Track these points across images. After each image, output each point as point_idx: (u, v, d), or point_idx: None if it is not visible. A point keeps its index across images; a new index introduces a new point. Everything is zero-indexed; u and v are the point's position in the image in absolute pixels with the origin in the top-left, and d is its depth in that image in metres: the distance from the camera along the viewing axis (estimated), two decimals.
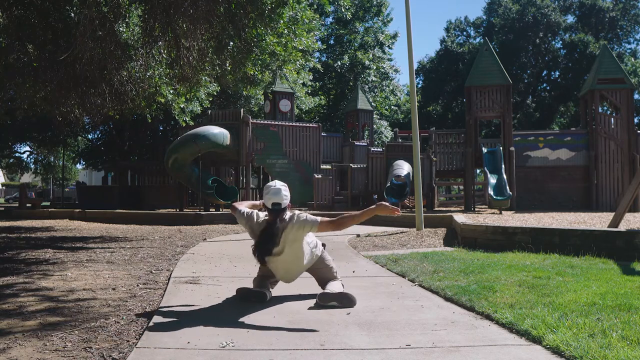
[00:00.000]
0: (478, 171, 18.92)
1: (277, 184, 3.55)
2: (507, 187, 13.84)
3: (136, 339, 2.67)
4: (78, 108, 8.10)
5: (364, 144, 18.90)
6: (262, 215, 3.62)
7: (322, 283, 3.68)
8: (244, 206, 3.76)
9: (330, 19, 31.12)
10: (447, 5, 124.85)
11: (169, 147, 14.57)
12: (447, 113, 36.97)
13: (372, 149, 17.56)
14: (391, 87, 32.58)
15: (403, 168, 14.08)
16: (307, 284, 4.04)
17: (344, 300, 3.36)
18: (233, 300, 3.54)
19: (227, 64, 7.44)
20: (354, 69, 29.83)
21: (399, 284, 4.18)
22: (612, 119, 15.68)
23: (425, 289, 3.92)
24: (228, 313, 3.20)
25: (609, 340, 2.44)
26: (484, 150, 15.45)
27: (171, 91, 9.26)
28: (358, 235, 8.30)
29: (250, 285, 3.70)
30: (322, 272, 3.70)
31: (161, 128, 25.04)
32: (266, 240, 3.42)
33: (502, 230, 6.21)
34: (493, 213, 13.07)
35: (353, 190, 15.83)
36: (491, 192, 13.69)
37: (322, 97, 28.41)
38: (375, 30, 32.16)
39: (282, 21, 7.71)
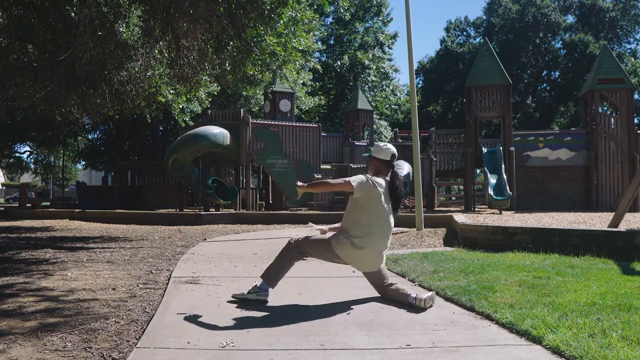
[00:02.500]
0: (478, 171, 18.91)
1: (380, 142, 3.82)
2: (507, 187, 13.84)
3: (136, 339, 2.67)
4: (78, 108, 8.10)
5: (364, 144, 18.90)
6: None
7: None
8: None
9: (330, 19, 31.13)
10: (447, 5, 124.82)
11: (169, 147, 14.57)
12: (447, 113, 36.96)
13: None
14: (391, 87, 32.58)
15: (403, 168, 14.01)
16: (306, 285, 4.05)
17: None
18: (233, 300, 3.54)
19: (227, 64, 7.43)
20: (354, 69, 29.82)
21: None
22: (612, 119, 15.68)
23: (425, 288, 3.92)
24: (228, 313, 3.20)
25: (609, 340, 2.44)
26: (484, 150, 15.45)
27: (171, 91, 9.26)
28: None
29: (250, 285, 3.68)
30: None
31: (161, 128, 25.05)
32: (403, 187, 3.71)
33: (502, 230, 6.20)
34: (493, 213, 13.07)
35: None
36: (491, 192, 13.69)
37: (322, 97, 28.40)
38: (375, 30, 32.15)
39: (281, 21, 7.70)
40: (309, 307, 3.36)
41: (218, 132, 13.71)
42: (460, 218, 8.13)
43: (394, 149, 3.82)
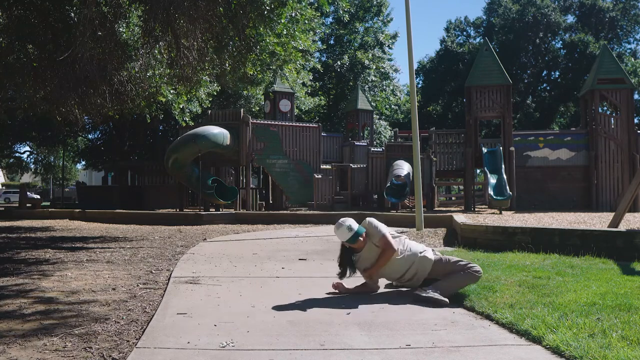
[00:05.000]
0: (478, 171, 18.92)
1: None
2: (507, 187, 13.84)
3: (136, 339, 2.67)
4: (78, 108, 8.10)
5: (364, 144, 18.90)
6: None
7: None
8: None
9: (330, 19, 31.14)
10: (447, 5, 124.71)
11: (169, 147, 14.57)
12: (447, 113, 36.93)
13: (372, 149, 17.57)
14: (391, 87, 32.58)
15: (403, 168, 14.08)
16: (306, 285, 4.05)
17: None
18: (233, 300, 3.54)
19: (227, 64, 7.43)
20: (354, 69, 29.82)
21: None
22: (612, 119, 15.69)
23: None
24: (228, 313, 3.20)
25: (609, 340, 2.44)
26: (484, 150, 15.45)
27: (171, 91, 9.26)
28: None
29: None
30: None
31: (161, 128, 25.05)
32: None
33: (502, 230, 6.20)
34: (493, 213, 13.07)
35: (353, 190, 15.84)
36: (491, 192, 13.69)
37: (322, 97, 28.39)
38: (375, 30, 32.17)
39: (281, 21, 7.69)
40: (309, 307, 3.36)
41: (218, 132, 13.71)
42: (460, 218, 8.13)
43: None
